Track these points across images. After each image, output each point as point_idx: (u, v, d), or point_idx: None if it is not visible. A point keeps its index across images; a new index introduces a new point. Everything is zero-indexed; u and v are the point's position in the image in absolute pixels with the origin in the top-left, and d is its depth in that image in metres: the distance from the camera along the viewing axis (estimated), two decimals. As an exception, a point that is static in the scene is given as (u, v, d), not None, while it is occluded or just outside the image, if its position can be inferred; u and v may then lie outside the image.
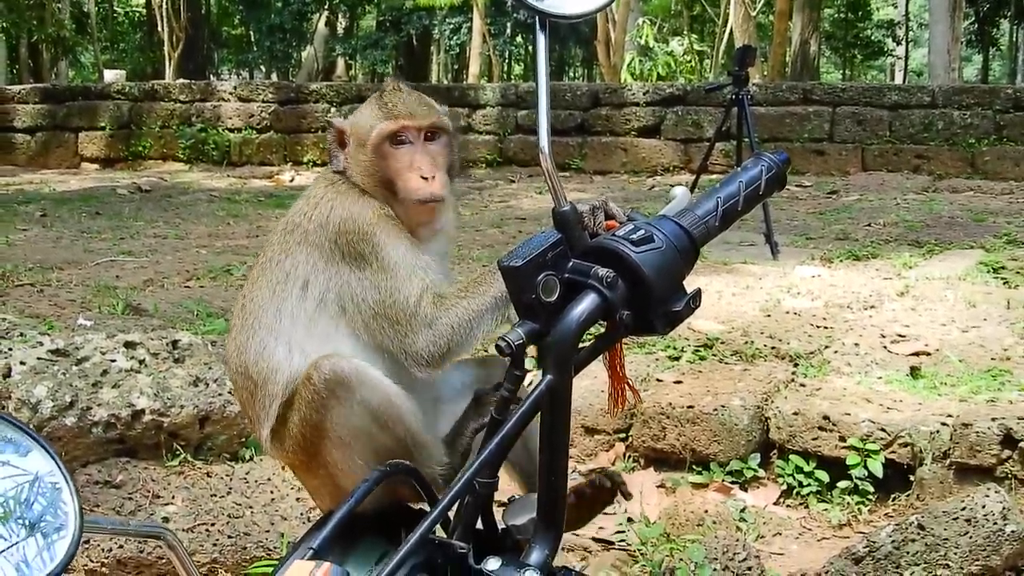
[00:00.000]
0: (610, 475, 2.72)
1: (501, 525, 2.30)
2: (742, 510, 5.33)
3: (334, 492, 2.55)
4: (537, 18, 2.12)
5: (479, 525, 2.15)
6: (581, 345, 2.02)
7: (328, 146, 2.72)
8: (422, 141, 2.62)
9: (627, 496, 2.78)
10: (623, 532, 5.20)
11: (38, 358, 5.16)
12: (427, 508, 2.24)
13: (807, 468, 5.60)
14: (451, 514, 2.00)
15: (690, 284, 2.09)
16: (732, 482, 5.65)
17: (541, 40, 2.12)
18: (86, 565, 4.26)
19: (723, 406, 5.77)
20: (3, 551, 1.65)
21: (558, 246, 2.03)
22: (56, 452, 1.76)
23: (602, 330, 2.09)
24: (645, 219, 2.11)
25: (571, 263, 2.03)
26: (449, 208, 2.72)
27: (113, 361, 5.22)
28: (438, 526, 1.92)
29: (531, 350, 2.01)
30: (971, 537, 4.09)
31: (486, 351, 3.02)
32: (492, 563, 2.05)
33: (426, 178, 2.58)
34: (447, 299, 2.54)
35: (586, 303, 1.97)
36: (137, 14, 56.37)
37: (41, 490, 1.74)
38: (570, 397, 2.00)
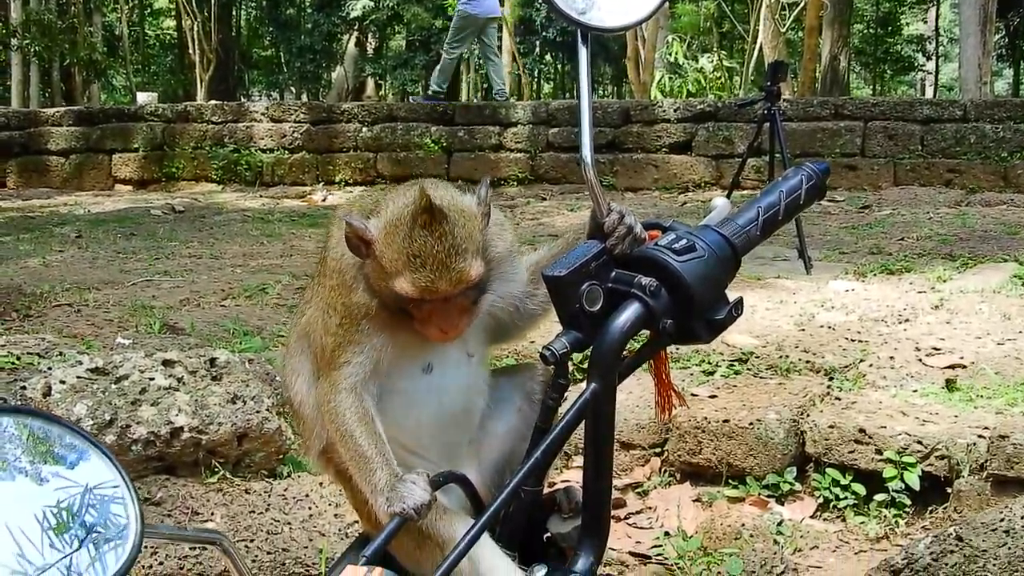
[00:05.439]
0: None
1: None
2: (779, 523, 5.32)
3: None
4: (579, 31, 2.15)
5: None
6: (625, 354, 2.04)
7: (347, 240, 2.40)
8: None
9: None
10: (660, 546, 5.21)
11: (77, 377, 5.19)
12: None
13: (843, 481, 5.58)
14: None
15: (725, 298, 2.11)
16: (768, 496, 5.64)
17: (583, 53, 2.15)
18: (127, 582, 4.28)
19: (759, 420, 5.77)
20: (56, 563, 1.67)
21: (601, 256, 2.05)
22: (115, 457, 1.79)
23: (646, 339, 2.11)
24: (687, 228, 2.13)
25: (614, 273, 2.05)
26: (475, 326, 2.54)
27: (151, 379, 5.24)
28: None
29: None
30: (1010, 548, 4.07)
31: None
32: (538, 570, 2.06)
33: (444, 331, 2.40)
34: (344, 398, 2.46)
35: (629, 312, 1.99)
36: (168, 37, 56.88)
37: (91, 501, 1.76)
38: (614, 406, 2.02)
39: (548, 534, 2.31)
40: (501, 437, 2.63)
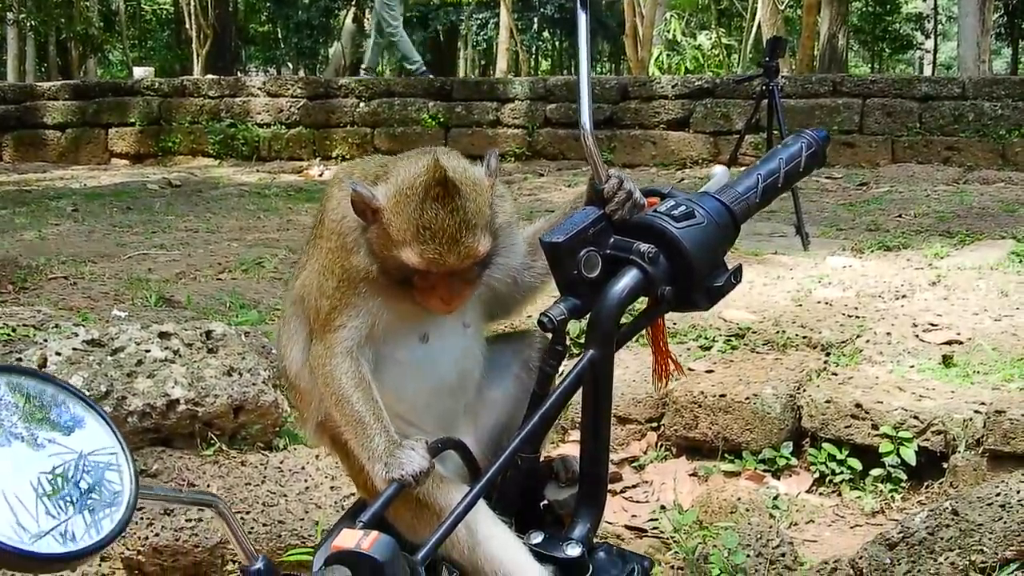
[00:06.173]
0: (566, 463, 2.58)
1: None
2: (775, 498, 5.34)
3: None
4: (578, -2, 2.14)
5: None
6: (623, 321, 2.03)
7: (353, 205, 2.34)
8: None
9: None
10: (656, 520, 5.22)
11: (73, 348, 5.17)
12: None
13: (840, 456, 5.60)
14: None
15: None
16: (765, 470, 5.66)
17: (582, 19, 2.13)
18: (123, 553, 4.28)
19: (755, 395, 5.77)
20: (51, 531, 1.66)
21: (600, 222, 2.04)
22: (111, 420, 1.77)
23: (644, 306, 2.10)
24: (686, 195, 2.12)
25: (612, 239, 2.04)
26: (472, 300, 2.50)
27: (148, 351, 5.22)
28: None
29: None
30: (1005, 522, 4.07)
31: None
32: (535, 537, 2.06)
33: (445, 303, 2.36)
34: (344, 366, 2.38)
35: (628, 278, 1.99)
36: (165, 11, 56.57)
37: (87, 467, 1.75)
38: (612, 372, 2.02)
39: (544, 501, 2.30)
40: (498, 405, 2.60)
